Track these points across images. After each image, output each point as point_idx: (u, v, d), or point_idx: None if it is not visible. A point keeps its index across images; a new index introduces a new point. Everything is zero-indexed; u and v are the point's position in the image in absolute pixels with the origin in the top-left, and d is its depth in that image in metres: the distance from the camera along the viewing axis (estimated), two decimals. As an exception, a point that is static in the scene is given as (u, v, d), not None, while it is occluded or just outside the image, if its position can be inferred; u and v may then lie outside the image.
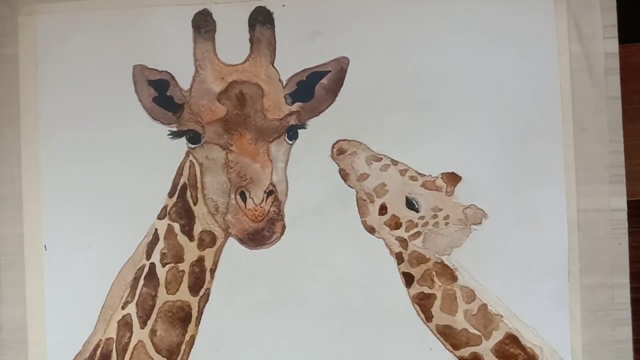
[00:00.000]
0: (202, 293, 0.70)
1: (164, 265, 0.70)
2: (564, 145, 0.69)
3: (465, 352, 0.68)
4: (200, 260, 0.70)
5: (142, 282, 0.70)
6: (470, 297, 0.68)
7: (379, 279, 0.69)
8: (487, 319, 0.68)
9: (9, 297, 0.71)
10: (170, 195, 0.71)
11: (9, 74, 0.72)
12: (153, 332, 0.70)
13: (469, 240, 0.69)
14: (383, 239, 0.69)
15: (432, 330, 0.69)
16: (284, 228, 0.70)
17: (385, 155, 0.70)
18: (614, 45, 0.69)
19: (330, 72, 0.70)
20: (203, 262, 0.70)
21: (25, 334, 0.71)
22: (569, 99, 0.69)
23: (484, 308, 0.68)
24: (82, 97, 0.72)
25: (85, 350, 0.71)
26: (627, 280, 0.68)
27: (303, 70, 0.70)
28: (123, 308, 0.70)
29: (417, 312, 0.69)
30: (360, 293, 0.69)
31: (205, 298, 0.70)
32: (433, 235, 0.69)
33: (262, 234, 0.69)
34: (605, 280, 0.68)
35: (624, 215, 0.68)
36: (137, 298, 0.70)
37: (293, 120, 0.70)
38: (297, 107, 0.70)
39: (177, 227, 0.70)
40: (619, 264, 0.68)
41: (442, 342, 0.69)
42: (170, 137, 0.71)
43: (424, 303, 0.69)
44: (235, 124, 0.69)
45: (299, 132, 0.70)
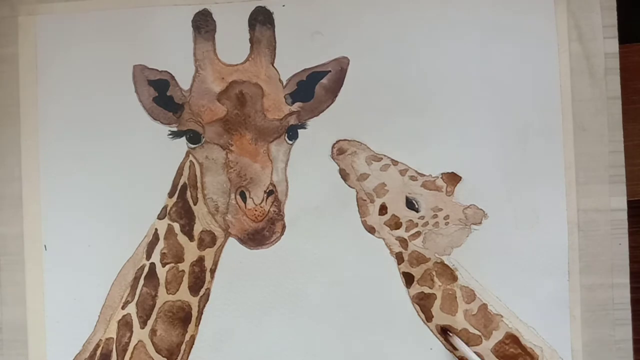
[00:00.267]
0: (202, 293, 0.70)
1: (164, 265, 0.70)
2: (564, 145, 0.69)
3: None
4: (200, 260, 0.70)
5: (142, 282, 0.70)
6: (470, 297, 0.68)
7: (379, 279, 0.69)
8: (487, 319, 0.68)
9: (9, 297, 0.71)
10: (170, 195, 0.71)
11: (9, 74, 0.72)
12: (153, 332, 0.70)
13: (469, 240, 0.69)
14: (383, 239, 0.69)
15: (432, 330, 0.69)
16: (284, 228, 0.70)
17: (385, 155, 0.70)
18: (614, 45, 0.69)
19: (330, 72, 0.70)
20: (203, 262, 0.70)
21: (25, 334, 0.71)
22: (569, 99, 0.69)
23: (484, 308, 0.68)
24: (82, 97, 0.72)
25: (85, 350, 0.71)
26: (627, 280, 0.68)
27: (303, 70, 0.70)
28: (123, 308, 0.70)
29: (417, 312, 0.69)
30: (360, 293, 0.69)
31: (206, 298, 0.70)
32: (433, 235, 0.69)
33: (262, 234, 0.69)
34: (605, 280, 0.68)
35: (624, 215, 0.68)
36: (137, 298, 0.70)
37: (293, 120, 0.70)
38: (297, 107, 0.70)
39: (177, 227, 0.70)
40: (619, 264, 0.68)
41: (442, 342, 0.69)
42: (170, 137, 0.71)
43: (424, 303, 0.69)
44: (235, 124, 0.69)
45: (299, 132, 0.70)
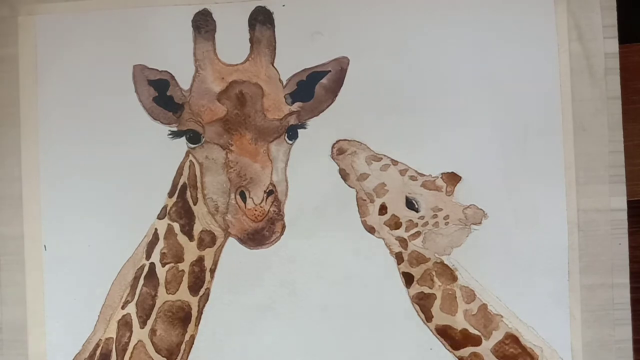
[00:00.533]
0: (202, 293, 0.70)
1: (164, 265, 0.70)
2: (564, 145, 0.69)
3: (465, 352, 0.68)
4: (200, 260, 0.70)
5: (142, 281, 0.70)
6: (470, 297, 0.68)
7: (379, 279, 0.69)
8: (487, 319, 0.68)
9: (9, 297, 0.71)
10: (170, 195, 0.71)
11: (9, 74, 0.72)
12: (153, 331, 0.70)
13: (469, 240, 0.69)
14: (383, 239, 0.69)
15: (432, 330, 0.69)
16: (284, 228, 0.70)
17: (385, 155, 0.70)
18: (614, 45, 0.69)
19: (330, 72, 0.70)
20: (203, 261, 0.70)
21: (25, 334, 0.71)
22: (569, 99, 0.69)
23: (484, 308, 0.68)
24: (82, 97, 0.72)
25: (85, 350, 0.71)
26: (627, 280, 0.68)
27: (303, 70, 0.70)
28: (123, 308, 0.70)
29: (417, 312, 0.69)
30: (360, 293, 0.69)
31: (205, 298, 0.70)
32: (433, 235, 0.69)
33: (262, 234, 0.69)
34: (605, 280, 0.68)
35: (624, 215, 0.68)
36: (137, 298, 0.70)
37: (293, 120, 0.70)
38: (297, 107, 0.70)
39: (177, 226, 0.70)
40: (619, 264, 0.68)
41: (442, 342, 0.69)
42: (170, 137, 0.71)
43: (424, 303, 0.69)
44: (235, 124, 0.69)
45: (299, 132, 0.70)
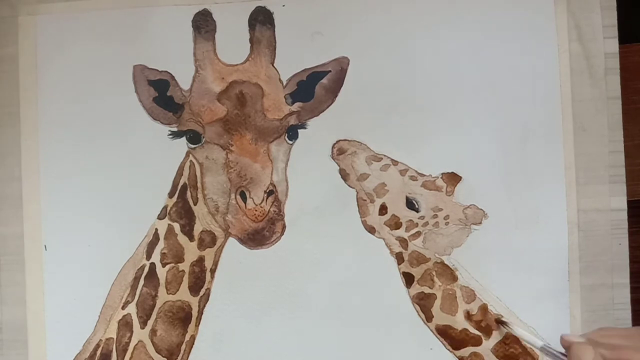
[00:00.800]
0: (202, 293, 0.70)
1: (164, 265, 0.70)
2: (564, 146, 0.69)
3: (466, 352, 0.68)
4: (201, 260, 0.70)
5: (142, 282, 0.70)
6: (470, 297, 0.68)
7: (379, 279, 0.69)
8: (487, 319, 0.68)
9: (9, 297, 0.71)
10: (171, 195, 0.71)
11: (9, 74, 0.72)
12: (153, 332, 0.70)
13: (469, 240, 0.69)
14: (383, 239, 0.69)
15: (432, 330, 0.69)
16: (284, 228, 0.70)
17: (385, 155, 0.70)
18: (614, 45, 0.69)
19: (330, 72, 0.70)
20: (203, 262, 0.70)
21: (25, 334, 0.71)
22: (569, 99, 0.69)
23: (484, 308, 0.68)
24: (82, 97, 0.72)
25: (86, 350, 0.71)
26: (627, 280, 0.68)
27: (303, 70, 0.70)
28: (123, 308, 0.70)
29: (417, 312, 0.69)
30: (360, 293, 0.69)
31: (206, 298, 0.70)
32: (433, 235, 0.69)
33: (262, 234, 0.69)
34: (605, 280, 0.68)
35: (624, 215, 0.68)
36: (137, 298, 0.70)
37: (293, 120, 0.70)
38: (297, 107, 0.70)
39: (177, 227, 0.70)
40: (619, 264, 0.68)
41: (442, 342, 0.69)
42: (171, 137, 0.71)
43: (424, 303, 0.69)
44: (236, 124, 0.69)
45: (299, 132, 0.70)
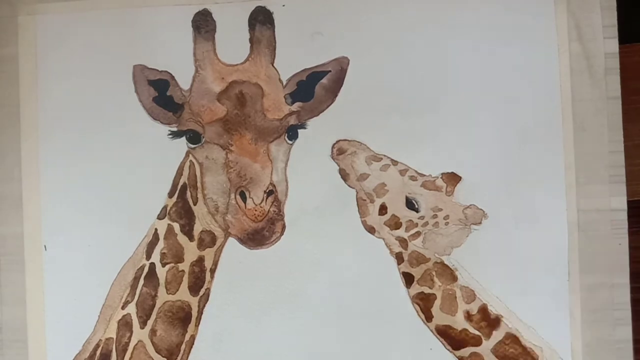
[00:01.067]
0: (202, 293, 0.70)
1: (164, 265, 0.70)
2: (564, 145, 0.69)
3: (465, 352, 0.68)
4: (200, 260, 0.70)
5: (142, 282, 0.70)
6: (470, 297, 0.68)
7: (379, 279, 0.69)
8: (487, 319, 0.68)
9: (9, 297, 0.71)
10: (170, 195, 0.71)
11: (9, 74, 0.72)
12: (153, 332, 0.70)
13: (469, 240, 0.69)
14: (383, 239, 0.69)
15: (432, 330, 0.69)
16: (284, 228, 0.70)
17: (385, 155, 0.70)
18: (614, 45, 0.68)
19: (330, 72, 0.70)
20: (203, 262, 0.70)
21: (25, 334, 0.71)
22: (569, 99, 0.69)
23: (484, 308, 0.68)
24: (82, 97, 0.72)
25: (85, 350, 0.71)
26: (627, 280, 0.68)
27: (303, 70, 0.70)
28: (123, 308, 0.70)
29: (417, 312, 0.69)
30: (360, 293, 0.69)
31: (205, 298, 0.70)
32: (433, 235, 0.69)
33: (262, 234, 0.69)
34: (605, 280, 0.68)
35: (624, 215, 0.68)
36: (137, 298, 0.70)
37: (293, 120, 0.70)
38: (297, 107, 0.70)
39: (177, 227, 0.70)
40: (619, 264, 0.68)
41: (442, 342, 0.69)
42: (170, 137, 0.71)
43: (424, 303, 0.69)
44: (235, 124, 0.69)
45: (299, 132, 0.70)
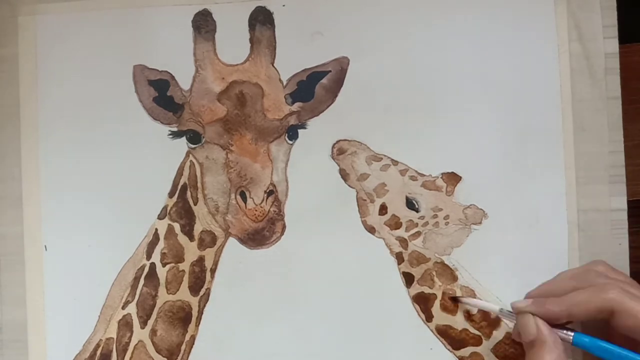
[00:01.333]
0: (202, 293, 0.70)
1: (164, 265, 0.70)
2: (564, 145, 0.68)
3: (466, 352, 0.68)
4: (201, 260, 0.70)
5: (142, 282, 0.70)
6: (470, 297, 0.68)
7: (379, 279, 0.69)
8: (487, 319, 0.68)
9: (9, 297, 0.71)
10: (171, 195, 0.71)
11: (9, 74, 0.72)
12: (153, 332, 0.70)
13: (469, 240, 0.69)
14: (383, 239, 0.69)
15: (432, 330, 0.69)
16: (284, 228, 0.70)
17: (385, 155, 0.70)
18: (614, 45, 0.68)
19: (330, 72, 0.70)
20: (203, 262, 0.70)
21: (25, 334, 0.71)
22: (569, 99, 0.69)
23: (484, 308, 0.68)
24: (82, 97, 0.72)
25: (86, 350, 0.71)
26: (627, 280, 0.68)
27: (303, 70, 0.70)
28: (123, 308, 0.70)
29: (417, 312, 0.69)
30: (360, 293, 0.69)
31: (206, 298, 0.70)
32: (433, 235, 0.69)
33: (262, 234, 0.69)
34: (605, 280, 0.68)
35: (624, 215, 0.68)
36: (137, 298, 0.70)
37: (293, 120, 0.70)
38: (297, 107, 0.70)
39: (177, 227, 0.70)
40: (619, 264, 0.68)
41: (442, 342, 0.69)
42: (171, 137, 0.71)
43: (425, 303, 0.69)
44: (236, 124, 0.69)
45: (299, 132, 0.70)
